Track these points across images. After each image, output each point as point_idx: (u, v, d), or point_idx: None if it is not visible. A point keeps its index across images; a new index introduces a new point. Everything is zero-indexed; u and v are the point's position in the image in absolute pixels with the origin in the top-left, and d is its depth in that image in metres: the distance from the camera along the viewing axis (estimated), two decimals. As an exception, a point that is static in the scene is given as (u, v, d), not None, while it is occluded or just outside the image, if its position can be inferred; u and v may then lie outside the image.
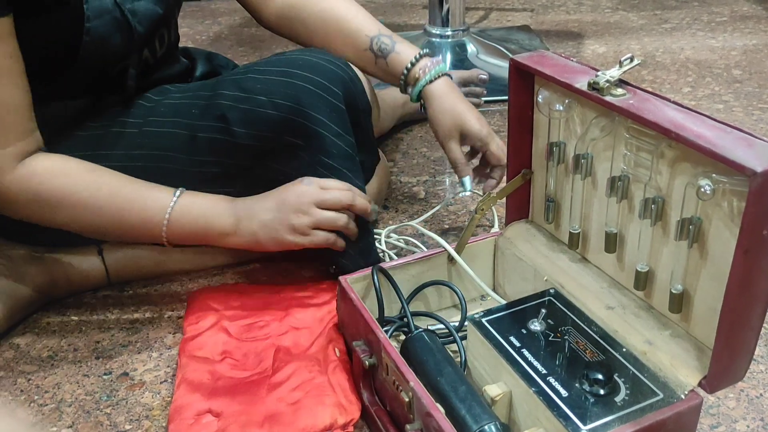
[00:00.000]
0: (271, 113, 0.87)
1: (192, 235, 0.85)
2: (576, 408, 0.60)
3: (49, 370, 0.83)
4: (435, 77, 0.96)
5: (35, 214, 0.82)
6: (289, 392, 0.73)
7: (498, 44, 1.79)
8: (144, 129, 0.90)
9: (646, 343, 0.66)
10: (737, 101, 1.51)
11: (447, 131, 0.96)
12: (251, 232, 0.85)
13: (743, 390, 0.76)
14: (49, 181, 0.80)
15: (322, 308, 0.87)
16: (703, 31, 1.97)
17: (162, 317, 0.91)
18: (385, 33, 1.00)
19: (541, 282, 0.78)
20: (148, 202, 0.83)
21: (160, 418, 0.76)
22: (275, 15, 1.04)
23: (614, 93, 0.63)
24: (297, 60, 0.90)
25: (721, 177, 0.57)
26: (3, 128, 0.77)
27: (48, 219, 0.82)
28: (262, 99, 0.87)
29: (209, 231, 0.85)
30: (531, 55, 0.73)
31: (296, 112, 0.86)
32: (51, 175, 0.80)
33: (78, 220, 0.82)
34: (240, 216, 0.85)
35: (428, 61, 0.97)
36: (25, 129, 0.80)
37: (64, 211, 0.81)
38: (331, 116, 0.88)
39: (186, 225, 0.84)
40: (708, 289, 0.62)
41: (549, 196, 0.80)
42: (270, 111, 0.86)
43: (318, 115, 0.87)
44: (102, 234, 0.87)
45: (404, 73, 0.97)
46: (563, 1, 2.32)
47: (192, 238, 0.86)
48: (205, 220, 0.84)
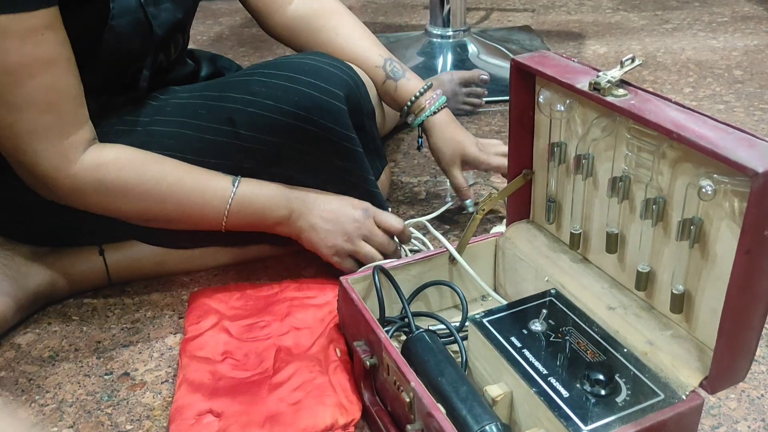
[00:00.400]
0: (278, 118, 0.88)
1: (248, 223, 0.89)
2: (577, 408, 0.60)
3: (50, 370, 0.83)
4: (438, 109, 1.02)
5: (101, 205, 0.83)
6: (290, 392, 0.73)
7: (499, 45, 1.79)
8: (150, 128, 0.90)
9: (647, 343, 0.66)
10: (738, 102, 1.51)
11: (449, 159, 1.02)
12: (298, 228, 0.90)
13: (744, 390, 0.76)
14: (117, 172, 0.81)
15: (323, 308, 0.87)
16: (704, 31, 1.96)
17: (163, 317, 0.91)
18: (395, 59, 1.05)
19: (542, 282, 0.78)
20: (208, 193, 0.85)
21: (161, 418, 0.76)
22: (284, 25, 1.05)
23: (615, 93, 0.63)
24: (303, 65, 0.91)
25: (723, 177, 0.57)
26: (63, 117, 0.77)
27: (113, 209, 0.84)
28: (269, 103, 0.88)
29: (264, 220, 0.89)
30: (532, 55, 0.73)
31: (302, 118, 0.88)
32: (118, 166, 0.81)
33: (142, 211, 0.84)
34: (294, 211, 0.89)
35: (433, 93, 1.03)
36: (82, 117, 0.80)
37: (129, 202, 0.82)
38: (336, 120, 0.89)
39: (244, 214, 0.88)
40: (709, 290, 0.62)
41: (550, 196, 0.80)
42: (277, 116, 0.88)
43: (324, 121, 0.88)
44: (164, 223, 0.89)
45: (411, 100, 1.02)
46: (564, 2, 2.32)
47: (247, 226, 0.90)
48: (262, 211, 0.88)
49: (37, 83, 0.74)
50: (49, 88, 0.75)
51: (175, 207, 0.84)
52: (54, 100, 0.76)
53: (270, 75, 0.90)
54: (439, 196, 1.17)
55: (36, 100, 0.75)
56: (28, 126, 0.76)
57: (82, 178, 0.79)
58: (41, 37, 0.73)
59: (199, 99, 0.91)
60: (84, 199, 0.82)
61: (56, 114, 0.76)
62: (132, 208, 0.84)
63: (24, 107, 0.74)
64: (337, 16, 1.05)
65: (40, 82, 0.74)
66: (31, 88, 0.74)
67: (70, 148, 0.78)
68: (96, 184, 0.80)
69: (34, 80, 0.74)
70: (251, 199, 0.87)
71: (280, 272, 0.99)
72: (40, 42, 0.73)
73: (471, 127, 1.44)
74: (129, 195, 0.82)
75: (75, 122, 0.79)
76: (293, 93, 0.88)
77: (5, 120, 0.75)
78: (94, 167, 0.80)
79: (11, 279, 0.89)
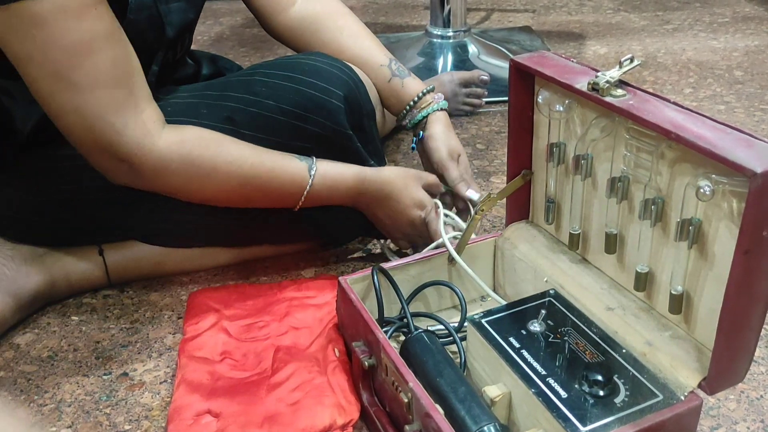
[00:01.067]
0: (279, 118, 0.88)
1: (320, 202, 0.91)
2: (575, 409, 0.60)
3: (48, 370, 0.83)
4: (441, 108, 1.03)
5: (184, 182, 0.81)
6: (289, 393, 0.73)
7: (499, 45, 1.79)
8: None
9: (646, 344, 0.66)
10: (739, 102, 1.51)
11: (447, 154, 1.00)
12: (373, 215, 0.95)
13: (743, 391, 0.76)
14: (204, 149, 0.79)
15: (322, 308, 0.87)
16: (704, 32, 1.96)
17: (162, 317, 0.91)
18: (398, 60, 1.06)
19: (541, 283, 0.78)
20: (288, 173, 0.86)
21: (159, 418, 0.76)
22: (288, 26, 1.04)
23: (614, 94, 0.63)
24: (303, 65, 0.91)
25: (721, 178, 0.57)
26: (135, 90, 0.75)
27: (196, 187, 0.82)
28: (270, 104, 0.88)
29: (335, 201, 0.92)
30: (531, 55, 0.73)
31: (303, 118, 0.88)
32: (203, 144, 0.79)
33: (227, 189, 0.83)
34: (358, 199, 0.92)
35: (436, 94, 1.04)
36: (149, 90, 0.78)
37: (215, 180, 0.81)
38: (335, 120, 0.89)
39: (318, 196, 0.89)
40: (708, 290, 0.62)
41: (549, 196, 0.80)
42: (278, 116, 0.88)
43: (323, 120, 0.88)
44: (243, 203, 0.88)
45: (419, 96, 1.02)
46: (565, 2, 2.31)
47: (319, 204, 0.91)
48: (330, 194, 0.90)
49: (102, 58, 0.71)
50: (115, 61, 0.72)
51: (258, 187, 0.84)
52: (123, 74, 0.73)
53: (270, 75, 0.90)
54: (438, 197, 1.17)
55: (105, 76, 0.72)
56: (101, 104, 0.72)
57: (168, 153, 0.77)
58: (96, 11, 0.70)
59: (200, 98, 0.91)
60: (169, 178, 0.79)
61: (128, 87, 0.74)
62: (216, 188, 0.83)
63: (94, 86, 0.71)
64: (341, 17, 1.05)
65: (105, 57, 0.71)
66: (98, 64, 0.71)
67: (150, 121, 0.75)
68: (182, 160, 0.78)
69: (99, 55, 0.71)
70: (324, 182, 0.88)
71: (279, 272, 0.99)
72: (96, 16, 0.70)
73: (471, 127, 1.44)
74: (216, 173, 0.80)
75: (147, 95, 0.76)
76: (293, 93, 0.88)
77: (71, 103, 0.72)
78: (180, 142, 0.77)
79: (11, 279, 0.89)
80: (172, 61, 0.96)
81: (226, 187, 0.83)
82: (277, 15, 1.04)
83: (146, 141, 0.75)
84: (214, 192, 0.84)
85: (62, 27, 0.68)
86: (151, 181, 0.80)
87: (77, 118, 0.73)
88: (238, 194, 0.85)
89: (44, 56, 0.70)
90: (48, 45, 0.69)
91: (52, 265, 0.93)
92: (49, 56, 0.69)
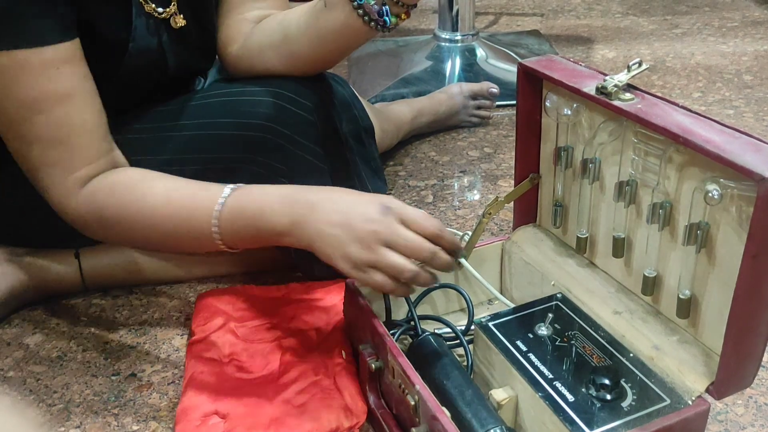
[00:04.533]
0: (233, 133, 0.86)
1: (247, 237, 0.74)
2: (582, 413, 0.60)
3: (57, 371, 0.84)
4: None
5: (100, 233, 0.80)
6: (296, 395, 0.74)
7: (507, 49, 1.79)
8: None
9: (654, 348, 0.65)
10: (748, 107, 1.50)
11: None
12: (307, 238, 0.71)
13: (752, 396, 0.76)
14: (107, 200, 0.76)
15: (330, 311, 0.87)
16: (713, 36, 1.96)
17: (170, 319, 0.92)
18: None
19: (549, 286, 0.78)
20: (196, 206, 0.74)
21: (167, 419, 0.76)
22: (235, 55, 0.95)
23: (622, 97, 0.63)
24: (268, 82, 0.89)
25: (729, 182, 0.57)
26: (72, 152, 0.75)
27: (111, 236, 0.80)
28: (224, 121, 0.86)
29: (263, 231, 0.73)
30: (539, 59, 0.73)
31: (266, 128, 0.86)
32: (108, 194, 0.77)
33: (139, 236, 0.78)
34: (298, 216, 0.71)
35: None
36: (98, 151, 0.77)
37: (124, 230, 0.78)
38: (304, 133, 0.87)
39: (237, 226, 0.73)
40: (716, 295, 0.62)
41: (556, 200, 0.80)
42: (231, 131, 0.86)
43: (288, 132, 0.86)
44: (167, 247, 0.84)
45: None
46: (573, 6, 2.31)
47: (249, 240, 0.75)
48: (257, 219, 0.72)
49: (48, 118, 0.73)
50: (60, 123, 0.74)
51: (165, 229, 0.76)
52: (64, 136, 0.74)
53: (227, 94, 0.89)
54: (446, 200, 1.18)
55: (46, 135, 0.74)
56: (38, 159, 0.75)
57: (80, 210, 0.77)
58: (56, 71, 0.72)
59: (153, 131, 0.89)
60: (86, 230, 0.80)
61: (65, 149, 0.75)
62: (129, 236, 0.79)
63: (34, 141, 0.74)
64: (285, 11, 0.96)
65: (51, 118, 0.73)
66: (42, 122, 0.73)
67: (75, 182, 0.76)
68: (91, 215, 0.77)
69: (46, 115, 0.73)
70: (243, 207, 0.72)
71: (287, 274, 0.99)
72: (55, 76, 0.72)
73: (479, 131, 1.44)
74: (122, 224, 0.77)
75: (86, 156, 0.76)
76: (253, 105, 0.86)
77: (20, 151, 0.76)
78: (90, 197, 0.77)
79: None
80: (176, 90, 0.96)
81: (139, 234, 0.78)
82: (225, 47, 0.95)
83: (63, 201, 0.77)
84: (131, 240, 0.81)
85: (18, 82, 0.71)
86: (80, 231, 0.80)
87: (24, 162, 0.77)
88: (152, 240, 0.78)
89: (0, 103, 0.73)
90: (3, 95, 0.72)
91: (27, 267, 0.93)
92: (3, 103, 0.73)
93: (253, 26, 0.93)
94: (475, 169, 1.28)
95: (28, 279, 0.93)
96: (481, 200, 1.17)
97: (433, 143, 1.39)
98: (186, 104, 0.91)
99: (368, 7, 0.79)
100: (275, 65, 0.90)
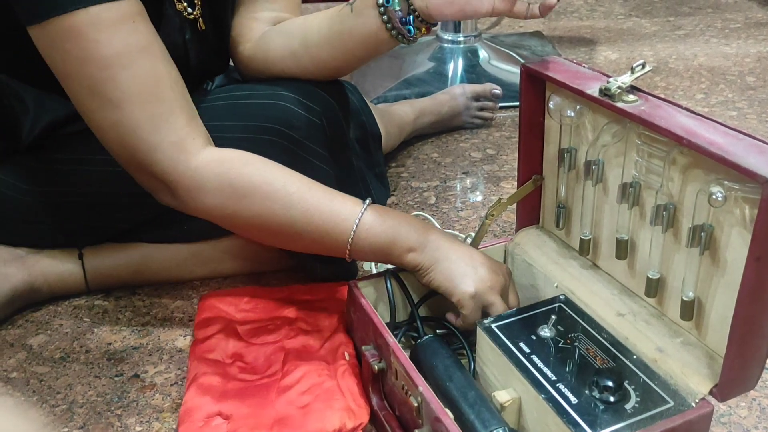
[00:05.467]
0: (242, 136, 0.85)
1: (376, 249, 0.75)
2: (585, 415, 0.59)
3: (61, 372, 0.84)
4: None
5: (220, 205, 0.74)
6: (299, 396, 0.74)
7: (510, 50, 1.79)
8: None
9: (657, 350, 0.65)
10: (751, 108, 1.50)
11: None
12: (433, 258, 0.75)
13: (755, 399, 0.76)
14: (243, 168, 0.73)
15: (332, 312, 0.87)
16: (716, 37, 1.96)
17: (173, 320, 0.92)
18: None
19: (552, 288, 0.78)
20: (336, 207, 0.74)
21: (170, 420, 0.76)
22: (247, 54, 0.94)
23: (626, 99, 0.63)
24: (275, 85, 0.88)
25: (733, 184, 0.57)
26: (171, 105, 0.71)
27: (232, 210, 0.74)
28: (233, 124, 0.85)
29: (396, 243, 0.75)
30: (542, 61, 0.73)
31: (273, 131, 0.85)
32: (243, 161, 0.74)
33: (266, 216, 0.74)
34: (429, 240, 0.76)
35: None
36: (192, 108, 0.74)
37: (254, 203, 0.73)
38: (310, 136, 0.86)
39: (374, 232, 0.75)
40: (720, 297, 0.62)
41: (560, 202, 0.80)
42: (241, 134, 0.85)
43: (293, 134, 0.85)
44: (285, 236, 0.77)
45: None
46: (576, 7, 2.31)
47: (375, 253, 0.76)
48: (394, 233, 0.75)
49: (135, 72, 0.69)
50: (149, 76, 0.70)
51: (302, 217, 0.74)
52: (158, 89, 0.71)
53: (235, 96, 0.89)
54: (448, 201, 1.18)
55: (140, 91, 0.70)
56: (136, 120, 0.70)
57: (203, 172, 0.72)
58: (133, 24, 0.69)
59: None
60: (205, 198, 0.73)
61: (164, 103, 0.71)
62: (255, 212, 0.74)
63: (127, 101, 0.69)
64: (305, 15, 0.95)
65: (138, 71, 0.69)
66: (130, 78, 0.69)
67: (187, 138, 0.72)
68: (219, 180, 0.72)
69: (133, 69, 0.69)
70: (380, 221, 0.75)
71: (290, 275, 0.99)
72: (133, 30, 0.69)
73: (482, 132, 1.44)
74: (255, 195, 0.73)
75: (185, 111, 0.73)
76: (260, 107, 0.86)
77: (110, 119, 0.71)
78: (217, 161, 0.73)
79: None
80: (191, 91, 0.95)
81: (269, 211, 0.74)
82: (237, 44, 0.94)
83: (181, 158, 0.72)
84: (255, 216, 0.75)
85: (95, 40, 0.67)
86: (186, 201, 0.75)
87: (114, 134, 0.72)
88: (281, 221, 0.74)
89: (79, 71, 0.69)
90: (82, 60, 0.68)
91: (31, 267, 0.93)
92: (84, 71, 0.69)
93: (266, 27, 0.93)
94: (477, 171, 1.28)
95: (31, 279, 0.93)
96: (484, 202, 1.17)
97: (435, 144, 1.39)
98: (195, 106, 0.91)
99: (392, 12, 0.78)
100: (292, 69, 0.90)
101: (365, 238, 0.75)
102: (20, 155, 0.89)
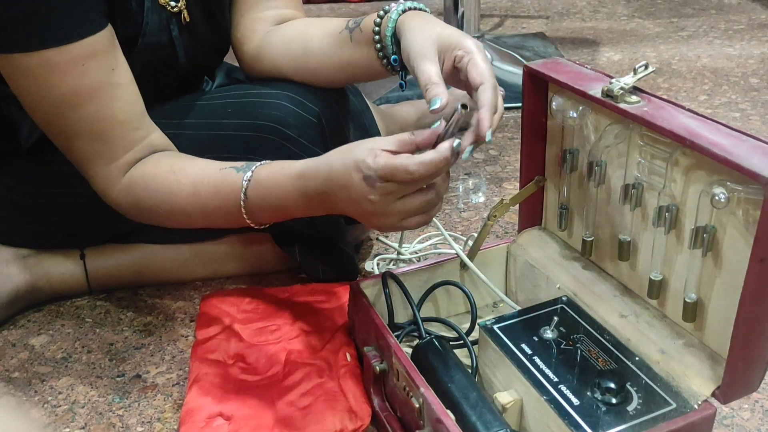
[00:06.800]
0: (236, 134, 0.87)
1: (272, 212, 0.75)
2: (587, 416, 0.59)
3: (62, 372, 0.84)
4: (409, 8, 0.77)
5: (146, 221, 0.82)
6: (300, 397, 0.73)
7: (513, 51, 1.79)
8: None
9: (659, 352, 0.65)
10: (754, 109, 1.50)
11: (419, 51, 0.72)
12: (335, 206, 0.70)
13: (758, 401, 0.76)
14: (142, 192, 0.78)
15: (334, 313, 0.87)
16: (720, 39, 1.95)
17: (175, 320, 0.92)
18: None
19: (554, 289, 0.78)
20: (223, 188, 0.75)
21: (171, 420, 0.76)
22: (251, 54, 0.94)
23: (628, 100, 0.63)
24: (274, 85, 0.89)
25: (736, 185, 0.57)
26: (110, 144, 0.77)
27: (153, 221, 0.82)
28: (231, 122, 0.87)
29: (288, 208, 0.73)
30: (545, 62, 0.73)
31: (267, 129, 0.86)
32: (142, 185, 0.78)
33: (177, 223, 0.81)
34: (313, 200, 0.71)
35: (401, 1, 0.79)
36: (132, 140, 0.78)
37: (163, 219, 0.80)
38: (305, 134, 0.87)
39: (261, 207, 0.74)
40: (722, 299, 0.62)
41: (562, 203, 0.80)
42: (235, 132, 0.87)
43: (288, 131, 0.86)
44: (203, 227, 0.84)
45: (376, 21, 0.79)
46: (579, 9, 2.31)
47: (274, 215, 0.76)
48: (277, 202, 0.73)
49: (81, 114, 0.74)
50: (93, 118, 0.75)
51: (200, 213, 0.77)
52: (98, 130, 0.76)
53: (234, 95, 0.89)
54: (450, 202, 1.17)
55: (82, 130, 0.75)
56: (80, 152, 0.78)
57: (119, 200, 0.80)
58: (83, 67, 0.72)
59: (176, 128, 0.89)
60: (130, 216, 0.81)
61: (101, 142, 0.76)
62: (167, 223, 0.81)
63: (74, 136, 0.76)
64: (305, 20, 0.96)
65: (84, 113, 0.74)
66: (77, 118, 0.74)
67: (114, 172, 0.78)
68: (132, 204, 0.79)
69: (79, 111, 0.74)
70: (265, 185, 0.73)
71: (292, 276, 0.99)
72: (82, 73, 0.72)
73: (484, 133, 1.43)
74: (159, 213, 0.79)
75: (122, 147, 0.78)
76: (258, 106, 0.86)
77: (64, 145, 0.78)
78: (128, 186, 0.79)
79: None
80: (186, 86, 0.96)
81: (176, 223, 0.81)
82: (241, 45, 0.95)
83: (107, 190, 0.80)
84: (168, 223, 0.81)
85: (48, 81, 0.72)
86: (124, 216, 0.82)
87: (68, 155, 0.79)
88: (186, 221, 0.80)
89: (35, 103, 0.75)
90: (36, 95, 0.74)
91: (33, 267, 0.93)
92: (39, 104, 0.75)
93: (271, 27, 0.93)
94: (480, 172, 1.28)
95: (33, 280, 0.93)
96: (486, 203, 1.17)
97: (438, 145, 1.39)
98: (192, 104, 0.91)
99: (387, 51, 0.79)
100: (290, 74, 0.91)
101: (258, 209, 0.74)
102: (21, 157, 0.90)
